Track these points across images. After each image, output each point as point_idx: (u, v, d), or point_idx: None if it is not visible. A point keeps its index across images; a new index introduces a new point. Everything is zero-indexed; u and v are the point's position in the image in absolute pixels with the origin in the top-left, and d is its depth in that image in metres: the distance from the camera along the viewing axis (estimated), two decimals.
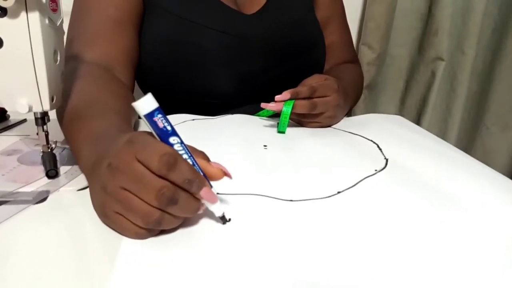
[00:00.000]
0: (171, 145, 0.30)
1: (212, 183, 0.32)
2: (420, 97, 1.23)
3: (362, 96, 1.21)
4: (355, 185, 0.40)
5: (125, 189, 0.28)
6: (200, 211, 0.31)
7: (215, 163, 0.32)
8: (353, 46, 0.85)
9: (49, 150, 0.42)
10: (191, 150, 0.31)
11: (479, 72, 1.22)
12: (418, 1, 1.14)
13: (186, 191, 0.29)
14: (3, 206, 0.35)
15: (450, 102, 1.22)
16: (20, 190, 0.38)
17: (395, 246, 0.30)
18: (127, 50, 0.60)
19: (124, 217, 0.29)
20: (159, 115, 0.29)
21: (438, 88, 1.18)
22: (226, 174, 0.32)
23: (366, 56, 1.17)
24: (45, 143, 0.42)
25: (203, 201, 0.30)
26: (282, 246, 0.30)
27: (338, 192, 0.38)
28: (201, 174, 0.31)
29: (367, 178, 0.42)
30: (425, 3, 1.15)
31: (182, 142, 0.30)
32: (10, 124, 0.59)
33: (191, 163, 0.30)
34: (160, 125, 0.29)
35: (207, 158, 0.33)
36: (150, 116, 0.29)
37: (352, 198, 0.38)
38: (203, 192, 0.29)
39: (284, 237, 0.31)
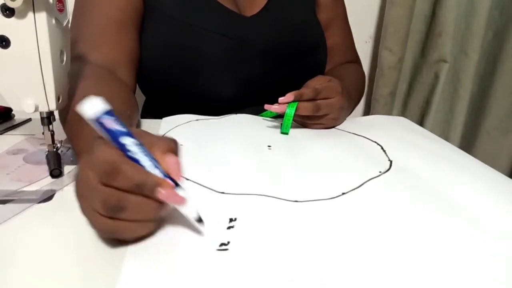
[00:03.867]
0: (123, 145, 0.28)
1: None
2: (423, 99, 1.23)
3: (382, 101, 1.21)
4: (359, 186, 0.40)
5: (84, 199, 0.28)
6: (164, 213, 0.29)
7: (170, 157, 0.29)
8: (354, 47, 0.85)
9: (55, 149, 0.42)
10: (155, 140, 0.29)
11: (481, 75, 1.22)
12: (422, 3, 1.14)
13: (139, 195, 0.27)
14: (7, 205, 0.35)
15: (453, 104, 1.22)
16: (24, 189, 0.38)
17: (399, 247, 0.30)
18: (129, 52, 0.60)
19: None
20: (107, 118, 0.27)
21: (441, 90, 1.18)
22: (174, 173, 0.29)
23: (387, 60, 1.16)
24: (50, 142, 0.42)
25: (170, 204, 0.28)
26: (287, 247, 0.30)
27: (343, 193, 0.38)
28: (160, 174, 0.28)
29: (371, 180, 0.42)
30: (429, 5, 1.15)
31: (137, 142, 0.28)
32: (15, 123, 0.59)
33: (148, 164, 0.28)
34: (108, 126, 0.28)
35: (170, 149, 0.30)
36: (95, 120, 0.28)
37: (357, 199, 0.38)
38: (161, 195, 0.27)
39: (289, 238, 0.31)
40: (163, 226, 0.32)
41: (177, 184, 0.29)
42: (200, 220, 0.30)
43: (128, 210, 0.27)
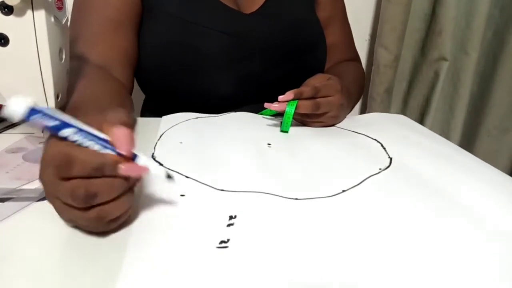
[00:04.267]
0: (65, 138, 0.27)
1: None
2: (423, 98, 1.23)
3: (379, 99, 1.21)
4: (359, 183, 0.40)
5: (58, 198, 0.28)
6: (137, 180, 0.29)
7: (118, 128, 0.28)
8: (354, 45, 0.85)
9: None
10: (105, 120, 0.29)
11: (481, 73, 1.22)
12: (422, 2, 1.14)
13: (103, 177, 0.27)
14: (6, 203, 0.35)
15: (453, 103, 1.22)
16: (24, 187, 0.38)
17: (399, 244, 0.30)
18: (126, 51, 0.61)
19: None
20: (36, 116, 0.27)
21: (441, 89, 1.18)
22: (118, 145, 0.28)
23: (383, 58, 1.16)
24: None
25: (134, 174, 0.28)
26: (287, 244, 0.29)
27: (343, 191, 0.38)
28: (112, 152, 0.27)
29: (371, 177, 0.42)
30: (429, 4, 1.15)
31: (80, 130, 0.27)
32: (14, 122, 0.59)
33: (97, 147, 0.27)
34: (44, 124, 0.27)
35: (121, 123, 0.29)
36: (26, 120, 0.27)
37: (357, 196, 0.38)
38: (123, 171, 0.27)
39: (289, 236, 0.31)
40: (163, 224, 0.32)
41: (135, 156, 0.28)
42: (169, 176, 0.30)
43: (100, 194, 0.27)
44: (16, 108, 0.27)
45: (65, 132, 0.27)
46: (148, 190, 0.37)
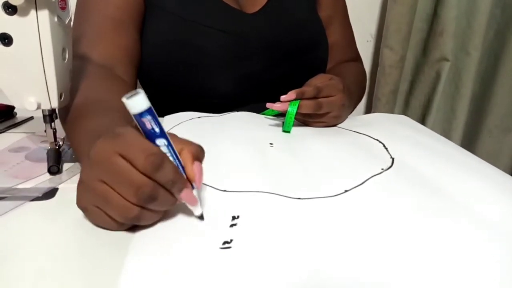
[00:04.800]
0: (157, 146, 0.29)
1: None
2: (424, 98, 1.23)
3: (384, 100, 1.21)
4: (362, 183, 0.40)
5: (104, 182, 0.28)
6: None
7: (197, 166, 0.32)
8: (355, 44, 0.85)
9: (57, 147, 0.42)
10: (185, 143, 0.32)
11: (483, 73, 1.21)
12: (423, 2, 1.14)
13: (165, 189, 0.29)
14: (1, 202, 0.35)
15: (454, 103, 1.22)
16: (19, 186, 0.38)
17: (402, 244, 0.30)
18: (128, 50, 0.61)
19: (102, 210, 0.29)
20: (148, 116, 0.29)
21: (442, 89, 1.18)
22: (196, 183, 0.32)
23: (388, 58, 1.16)
24: (52, 140, 0.42)
25: (183, 201, 0.31)
26: (290, 244, 0.30)
27: (346, 191, 0.38)
28: (184, 176, 0.31)
29: (373, 177, 0.42)
30: (430, 4, 1.15)
31: (169, 144, 0.30)
32: (17, 121, 0.59)
33: (176, 165, 0.30)
34: (148, 126, 0.29)
35: (198, 156, 0.32)
36: (139, 116, 0.29)
37: (360, 196, 0.38)
38: (183, 194, 0.30)
39: (292, 235, 0.31)
40: (167, 225, 0.32)
41: (192, 187, 0.32)
42: (201, 217, 0.33)
43: (157, 201, 0.29)
44: (141, 101, 0.28)
45: (161, 141, 0.30)
46: None
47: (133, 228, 0.31)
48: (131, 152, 0.28)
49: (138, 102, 0.28)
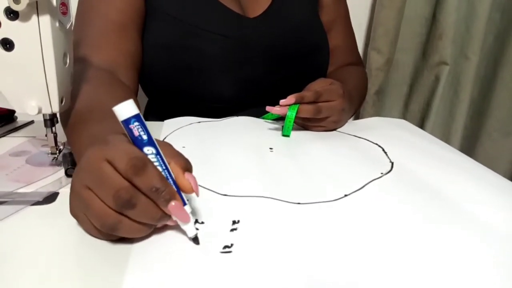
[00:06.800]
0: (145, 154, 0.29)
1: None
2: (423, 102, 1.23)
3: (371, 102, 1.21)
4: (362, 188, 0.40)
5: (89, 188, 0.28)
6: (170, 223, 0.30)
7: (189, 175, 0.30)
8: (357, 49, 0.85)
9: (57, 151, 0.43)
10: (173, 156, 0.30)
11: (482, 77, 1.22)
12: (422, 6, 1.15)
13: (149, 198, 0.27)
14: (2, 206, 0.35)
15: (453, 107, 1.22)
16: (20, 190, 0.38)
17: (402, 249, 0.30)
18: (130, 53, 0.61)
19: (87, 217, 0.29)
20: (136, 123, 0.28)
21: (441, 93, 1.18)
22: (194, 190, 0.30)
23: (375, 61, 1.17)
24: (53, 144, 0.42)
25: (174, 217, 0.29)
26: (290, 249, 0.30)
27: (345, 195, 0.39)
28: (174, 188, 0.29)
29: (373, 181, 0.42)
30: (429, 8, 1.15)
31: (158, 153, 0.29)
32: (17, 125, 0.59)
33: (164, 175, 0.29)
34: (136, 133, 0.28)
35: (187, 168, 0.31)
36: (126, 123, 0.28)
37: (359, 201, 0.38)
38: (171, 207, 0.28)
39: (292, 240, 0.31)
40: (167, 229, 0.32)
41: (184, 203, 0.30)
42: (196, 239, 0.30)
43: (137, 209, 0.27)
44: (128, 108, 0.28)
45: (149, 150, 0.29)
46: None
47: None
48: (115, 155, 0.27)
49: (125, 108, 0.28)
